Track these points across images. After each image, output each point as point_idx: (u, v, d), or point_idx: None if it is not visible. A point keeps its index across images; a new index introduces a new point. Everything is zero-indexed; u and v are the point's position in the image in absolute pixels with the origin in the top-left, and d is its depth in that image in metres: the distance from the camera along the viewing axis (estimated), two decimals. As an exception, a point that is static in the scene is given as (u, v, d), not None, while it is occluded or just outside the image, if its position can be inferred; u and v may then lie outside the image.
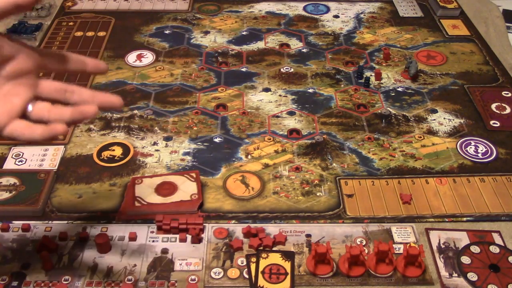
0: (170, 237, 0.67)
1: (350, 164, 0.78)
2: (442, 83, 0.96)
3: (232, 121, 0.86)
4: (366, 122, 0.86)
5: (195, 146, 0.81)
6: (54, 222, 0.69)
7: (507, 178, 0.76)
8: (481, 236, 0.68)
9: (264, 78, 0.96)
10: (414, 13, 1.19)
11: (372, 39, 1.09)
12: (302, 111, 0.89)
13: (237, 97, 0.92)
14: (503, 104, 0.91)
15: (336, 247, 0.65)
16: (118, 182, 0.75)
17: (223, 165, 0.78)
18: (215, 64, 1.00)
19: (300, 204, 0.72)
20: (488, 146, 0.82)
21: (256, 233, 0.66)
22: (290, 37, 1.09)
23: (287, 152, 0.80)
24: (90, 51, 1.02)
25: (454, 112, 0.89)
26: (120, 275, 0.62)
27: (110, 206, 0.71)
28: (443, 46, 1.07)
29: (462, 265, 0.64)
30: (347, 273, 0.62)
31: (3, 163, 0.77)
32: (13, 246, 0.65)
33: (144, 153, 0.80)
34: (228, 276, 0.62)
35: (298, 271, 0.63)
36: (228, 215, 0.70)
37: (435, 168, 0.78)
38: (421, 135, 0.84)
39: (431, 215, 0.70)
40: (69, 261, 0.64)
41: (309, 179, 0.76)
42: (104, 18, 1.14)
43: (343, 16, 1.17)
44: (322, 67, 1.00)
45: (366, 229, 0.68)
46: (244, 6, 1.20)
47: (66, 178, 0.75)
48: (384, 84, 0.96)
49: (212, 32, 1.10)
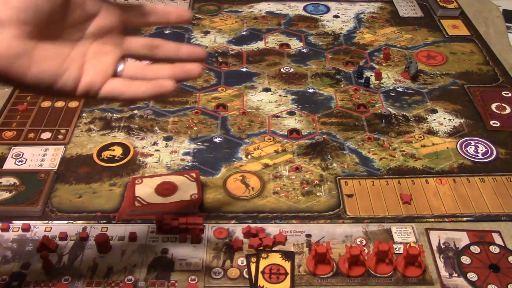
0: (170, 237, 0.67)
1: (350, 164, 0.78)
2: (442, 83, 0.96)
3: (232, 121, 0.86)
4: (366, 122, 0.86)
5: (195, 146, 0.81)
6: (54, 222, 0.69)
7: (507, 178, 0.76)
8: (481, 236, 0.68)
9: (264, 78, 0.97)
10: (414, 13, 1.19)
11: (372, 39, 1.09)
12: (302, 111, 0.89)
13: (237, 97, 0.92)
14: (503, 104, 0.91)
15: (336, 247, 0.65)
16: (118, 182, 0.75)
17: (223, 165, 0.78)
18: (215, 64, 1.00)
19: (300, 204, 0.72)
20: (488, 146, 0.82)
21: (256, 233, 0.66)
22: (290, 37, 1.09)
23: (287, 152, 0.80)
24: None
25: (454, 112, 0.89)
26: (120, 275, 0.62)
27: (110, 206, 0.71)
28: (443, 46, 1.07)
29: (462, 265, 0.64)
30: (347, 273, 0.62)
31: (3, 163, 0.77)
32: (13, 246, 0.65)
33: (144, 153, 0.80)
34: (228, 276, 0.62)
35: (298, 271, 0.63)
36: (228, 215, 0.70)
37: (435, 168, 0.78)
38: (421, 135, 0.84)
39: (431, 215, 0.70)
40: (69, 261, 0.64)
41: (309, 179, 0.76)
42: (104, 18, 1.13)
43: (343, 16, 1.17)
44: (322, 67, 1.00)
45: (366, 229, 0.68)
46: (244, 6, 1.20)
47: (66, 178, 0.75)
48: (384, 84, 0.96)
49: (212, 32, 1.10)
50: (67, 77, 0.43)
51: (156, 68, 0.47)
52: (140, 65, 0.46)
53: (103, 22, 0.45)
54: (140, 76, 0.46)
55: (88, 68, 0.44)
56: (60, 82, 0.42)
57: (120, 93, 0.44)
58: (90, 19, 0.44)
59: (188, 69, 0.48)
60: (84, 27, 0.44)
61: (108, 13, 0.45)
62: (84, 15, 0.44)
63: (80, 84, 0.43)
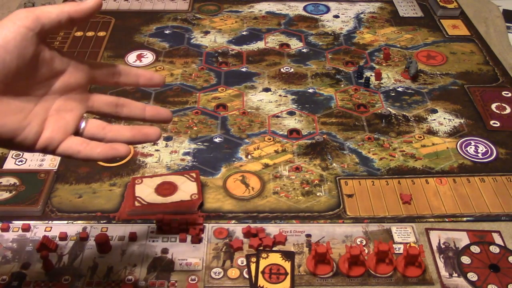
0: (170, 237, 0.67)
1: (350, 164, 0.78)
2: (442, 83, 0.96)
3: (232, 121, 0.86)
4: (366, 122, 0.86)
5: (195, 146, 0.81)
6: (54, 222, 0.69)
7: (507, 178, 0.76)
8: (481, 236, 0.68)
9: (264, 78, 0.96)
10: (414, 13, 1.19)
11: (372, 39, 1.09)
12: (302, 111, 0.89)
13: (237, 97, 0.92)
14: (503, 104, 0.91)
15: (336, 247, 0.65)
16: (118, 182, 0.75)
17: (223, 165, 0.78)
18: (215, 64, 1.00)
19: (300, 204, 0.72)
20: (488, 146, 0.82)
21: (256, 233, 0.66)
22: (290, 37, 1.09)
23: (287, 152, 0.80)
24: (90, 51, 1.02)
25: (454, 112, 0.89)
26: (120, 275, 0.62)
27: (110, 206, 0.71)
28: (443, 46, 1.07)
29: (462, 265, 0.64)
30: (347, 273, 0.62)
31: (3, 163, 0.77)
32: (13, 246, 0.65)
33: (144, 153, 0.80)
34: (228, 276, 0.62)
35: (298, 271, 0.63)
36: (228, 215, 0.70)
37: (435, 168, 0.78)
38: (421, 135, 0.84)
39: (431, 215, 0.70)
40: (69, 261, 0.64)
41: (309, 179, 0.76)
42: (104, 18, 1.14)
43: (343, 16, 1.17)
44: (322, 67, 1.00)
45: (366, 229, 0.68)
46: (244, 6, 1.20)
47: (66, 178, 0.75)
48: (384, 84, 0.96)
49: (212, 32, 1.10)
50: (28, 132, 0.42)
51: (116, 129, 0.46)
52: (101, 124, 0.46)
53: (69, 80, 0.45)
54: (100, 136, 0.46)
55: (49, 124, 0.43)
56: (20, 136, 0.42)
57: (77, 152, 0.44)
58: (57, 76, 0.44)
59: (147, 133, 0.47)
60: (50, 83, 0.44)
61: (75, 71, 0.45)
62: (51, 72, 0.43)
63: (40, 139, 0.43)
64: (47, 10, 0.42)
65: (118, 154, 0.45)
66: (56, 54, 0.44)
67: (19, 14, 0.41)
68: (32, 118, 0.42)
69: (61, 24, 0.43)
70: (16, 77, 0.41)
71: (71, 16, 0.43)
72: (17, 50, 0.40)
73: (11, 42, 0.39)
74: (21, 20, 0.40)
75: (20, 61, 0.40)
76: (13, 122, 0.41)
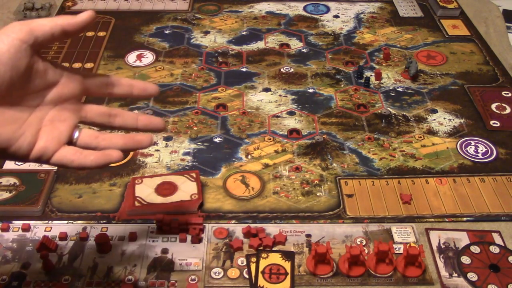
0: (170, 237, 0.67)
1: (350, 164, 0.78)
2: (442, 83, 0.96)
3: (232, 121, 0.86)
4: (366, 122, 0.86)
5: (195, 146, 0.81)
6: (54, 222, 0.69)
7: (507, 178, 0.76)
8: (481, 236, 0.68)
9: (264, 78, 0.96)
10: (414, 13, 1.19)
11: (372, 39, 1.09)
12: (302, 111, 0.89)
13: (237, 97, 0.92)
14: (503, 104, 0.91)
15: (336, 247, 0.65)
16: (118, 182, 0.75)
17: (223, 165, 0.78)
18: (215, 64, 1.00)
19: (300, 204, 0.72)
20: (488, 146, 0.82)
21: (256, 233, 0.66)
22: (290, 37, 1.09)
23: (287, 152, 0.80)
24: (90, 51, 1.02)
25: (454, 112, 0.89)
26: (120, 275, 0.62)
27: (110, 206, 0.71)
28: (443, 46, 1.07)
29: (462, 265, 0.64)
30: (347, 273, 0.62)
31: (3, 163, 0.77)
32: (13, 246, 0.65)
33: (144, 153, 0.80)
34: (228, 276, 0.62)
35: (298, 271, 0.63)
36: (228, 215, 0.70)
37: (435, 168, 0.78)
38: (421, 135, 0.84)
39: (431, 215, 0.70)
40: (69, 261, 0.64)
41: (309, 179, 0.76)
42: (104, 18, 1.14)
43: (343, 16, 1.17)
44: (322, 67, 1.00)
45: (366, 229, 0.68)
46: (244, 6, 1.20)
47: (66, 178, 0.75)
48: (384, 84, 0.96)
49: (212, 32, 1.10)
50: (22, 142, 0.43)
51: (109, 137, 0.47)
52: (94, 133, 0.47)
53: (63, 90, 0.45)
54: (93, 145, 0.46)
55: (43, 134, 0.44)
56: (14, 146, 0.42)
57: (71, 161, 0.45)
58: (50, 86, 0.45)
59: (139, 140, 0.48)
60: (44, 94, 0.44)
61: (69, 82, 0.46)
62: (44, 83, 0.44)
63: (34, 149, 0.43)
64: (41, 23, 0.43)
65: (111, 160, 0.45)
66: (49, 65, 0.44)
67: (13, 27, 0.42)
68: (26, 128, 0.43)
69: (54, 36, 0.44)
70: (10, 88, 0.41)
71: (64, 29, 0.44)
72: (11, 62, 0.40)
73: (5, 54, 0.40)
74: (15, 33, 0.41)
75: (14, 73, 0.41)
76: (7, 132, 0.42)
